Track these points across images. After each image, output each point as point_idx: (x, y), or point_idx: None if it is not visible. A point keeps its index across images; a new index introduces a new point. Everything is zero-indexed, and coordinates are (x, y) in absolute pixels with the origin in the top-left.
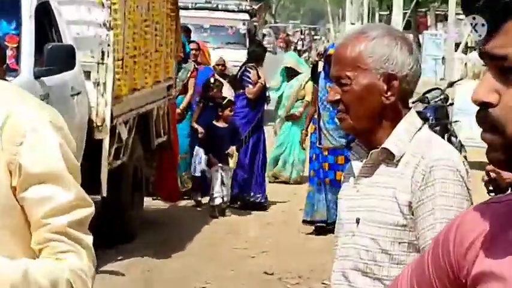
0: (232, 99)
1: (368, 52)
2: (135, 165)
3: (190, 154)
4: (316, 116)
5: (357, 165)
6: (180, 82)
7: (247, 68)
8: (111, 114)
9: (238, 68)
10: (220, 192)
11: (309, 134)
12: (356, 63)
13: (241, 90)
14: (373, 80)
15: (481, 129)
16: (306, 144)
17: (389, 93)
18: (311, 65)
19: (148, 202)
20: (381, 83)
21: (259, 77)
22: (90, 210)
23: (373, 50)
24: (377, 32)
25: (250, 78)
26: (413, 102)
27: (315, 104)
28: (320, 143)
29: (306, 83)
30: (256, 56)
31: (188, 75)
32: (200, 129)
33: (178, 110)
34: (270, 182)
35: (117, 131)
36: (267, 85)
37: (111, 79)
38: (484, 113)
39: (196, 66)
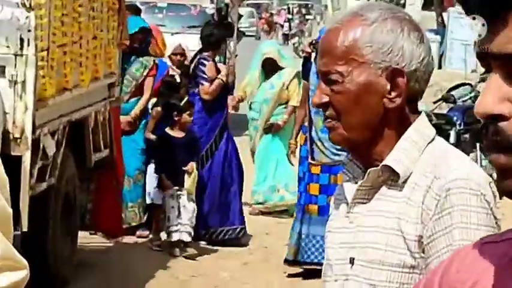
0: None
1: (365, 40)
2: (66, 189)
3: (145, 176)
4: (307, 123)
5: (350, 188)
6: (134, 81)
7: (202, 60)
8: (33, 122)
9: (191, 58)
10: (178, 224)
11: (299, 146)
12: (350, 55)
13: (197, 89)
14: (373, 77)
15: (490, 150)
16: (297, 157)
17: (393, 94)
18: (302, 56)
19: (85, 238)
20: (382, 81)
21: (218, 71)
22: (23, 274)
23: (372, 37)
24: (377, 14)
25: (205, 74)
26: (435, 102)
27: (305, 106)
28: (313, 158)
29: (291, 81)
30: (215, 41)
31: (145, 72)
32: (152, 136)
33: (129, 117)
34: (251, 214)
35: (41, 144)
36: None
37: (33, 76)
38: (494, 129)
39: (156, 61)
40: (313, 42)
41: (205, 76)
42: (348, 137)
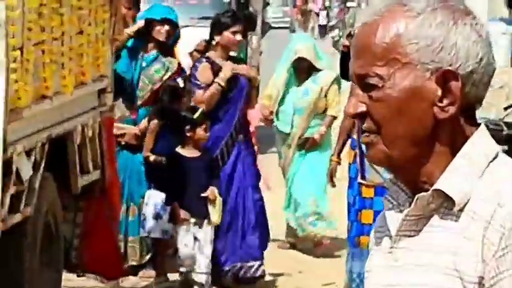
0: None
1: (410, 36)
2: (46, 220)
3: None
4: (355, 135)
5: (394, 218)
6: (150, 85)
7: (197, 61)
8: (4, 139)
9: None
10: (194, 265)
11: (347, 164)
12: (391, 54)
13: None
14: (420, 81)
15: None
16: (339, 179)
17: (445, 102)
18: (340, 52)
19: (70, 280)
20: (431, 85)
21: (215, 74)
22: None
23: (419, 32)
24: (424, 3)
25: (197, 79)
26: (506, 108)
27: None
28: (363, 177)
29: (330, 87)
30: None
31: (166, 76)
32: (152, 156)
33: (136, 129)
34: (279, 247)
35: (14, 166)
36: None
37: (3, 81)
38: None
39: (181, 64)
40: (352, 33)
41: (198, 82)
42: (390, 155)
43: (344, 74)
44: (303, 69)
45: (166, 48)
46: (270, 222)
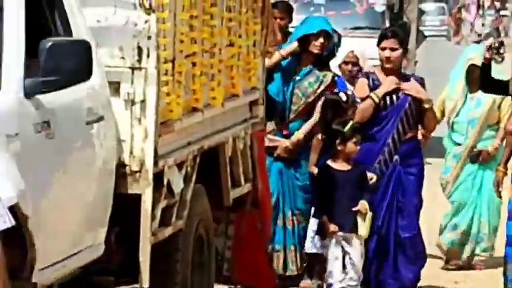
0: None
1: None
2: (198, 234)
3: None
4: None
5: None
6: (303, 98)
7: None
8: (155, 152)
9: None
10: (342, 280)
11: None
12: None
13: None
14: None
15: None
16: (507, 190)
17: None
18: (481, 64)
19: None
20: None
21: (373, 86)
22: None
23: None
24: None
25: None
26: None
27: None
28: None
29: (503, 98)
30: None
31: (320, 89)
32: (315, 170)
33: (287, 142)
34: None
35: (165, 179)
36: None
37: (155, 94)
38: None
39: (335, 76)
40: (493, 46)
41: (356, 97)
42: None
43: (484, 86)
44: (475, 80)
45: (321, 61)
46: (426, 234)
